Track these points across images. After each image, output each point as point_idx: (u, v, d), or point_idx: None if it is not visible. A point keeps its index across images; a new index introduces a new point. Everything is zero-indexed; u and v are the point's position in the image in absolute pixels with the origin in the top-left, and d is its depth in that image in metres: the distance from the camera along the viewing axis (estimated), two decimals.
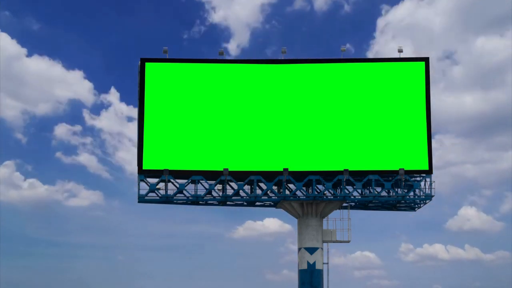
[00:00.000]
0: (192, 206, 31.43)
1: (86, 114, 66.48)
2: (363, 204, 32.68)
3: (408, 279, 61.18)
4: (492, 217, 66.05)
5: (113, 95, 67.44)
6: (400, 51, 30.59)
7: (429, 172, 29.73)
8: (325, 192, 30.52)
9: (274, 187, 30.04)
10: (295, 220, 31.53)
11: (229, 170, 29.34)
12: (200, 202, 30.67)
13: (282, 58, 30.47)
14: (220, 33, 67.41)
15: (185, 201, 30.61)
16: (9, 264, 56.12)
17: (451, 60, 64.56)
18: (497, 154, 66.14)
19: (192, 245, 67.99)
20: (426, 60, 30.44)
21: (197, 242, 67.65)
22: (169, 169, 29.33)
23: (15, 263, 58.00)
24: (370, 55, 62.01)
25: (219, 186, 29.79)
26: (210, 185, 29.62)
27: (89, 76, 66.74)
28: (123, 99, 67.18)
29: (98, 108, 68.58)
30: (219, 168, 29.41)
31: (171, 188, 29.64)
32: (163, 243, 67.09)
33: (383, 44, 64.36)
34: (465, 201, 69.65)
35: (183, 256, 66.44)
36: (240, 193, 30.04)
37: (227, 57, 30.65)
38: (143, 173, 29.47)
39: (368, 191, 30.52)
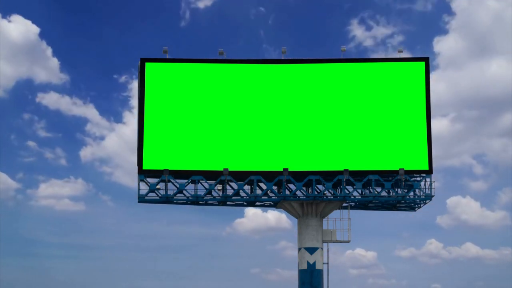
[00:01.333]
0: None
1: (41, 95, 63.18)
2: (363, 204, 32.69)
3: (407, 278, 61.10)
4: (493, 212, 64.93)
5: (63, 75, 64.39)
6: (400, 51, 30.68)
7: (429, 172, 29.73)
8: (325, 192, 30.53)
9: (274, 187, 30.04)
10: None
11: (229, 170, 29.34)
12: (200, 202, 30.66)
13: (282, 58, 30.52)
14: None
15: (185, 201, 30.61)
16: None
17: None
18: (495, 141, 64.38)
19: (184, 245, 67.59)
20: (426, 60, 30.46)
21: (188, 243, 67.43)
22: (169, 169, 29.32)
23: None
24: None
25: (219, 186, 29.79)
26: (210, 185, 29.62)
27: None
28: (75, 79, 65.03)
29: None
30: (219, 168, 29.41)
31: (171, 188, 29.68)
32: (158, 244, 66.41)
33: None
34: (463, 196, 68.03)
35: (179, 257, 66.00)
36: (240, 193, 30.04)
37: (225, 54, 30.61)
38: (143, 173, 29.47)
39: (368, 191, 30.53)
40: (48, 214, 64.88)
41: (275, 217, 62.72)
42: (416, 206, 32.80)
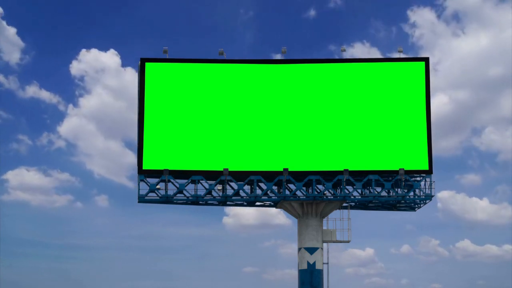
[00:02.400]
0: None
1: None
2: (363, 204, 32.70)
3: (406, 277, 61.00)
4: (496, 207, 64.18)
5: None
6: (400, 51, 30.69)
7: (429, 172, 29.73)
8: (325, 192, 30.53)
9: (274, 187, 30.04)
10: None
11: (229, 170, 29.34)
12: (200, 202, 30.67)
13: (282, 58, 30.54)
14: None
15: (185, 201, 30.61)
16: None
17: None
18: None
19: (178, 246, 67.40)
20: (426, 60, 30.48)
21: (181, 243, 67.13)
22: (169, 169, 29.32)
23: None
24: None
25: (219, 186, 29.79)
26: (210, 185, 29.62)
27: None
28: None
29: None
30: (219, 168, 29.41)
31: (171, 188, 29.69)
32: (155, 244, 66.31)
33: None
34: (462, 192, 67.19)
35: (175, 258, 65.95)
36: (240, 193, 30.05)
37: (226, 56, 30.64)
38: (143, 173, 29.47)
39: (368, 191, 30.53)
40: (25, 209, 63.29)
41: (261, 213, 62.54)
42: (416, 206, 32.83)
